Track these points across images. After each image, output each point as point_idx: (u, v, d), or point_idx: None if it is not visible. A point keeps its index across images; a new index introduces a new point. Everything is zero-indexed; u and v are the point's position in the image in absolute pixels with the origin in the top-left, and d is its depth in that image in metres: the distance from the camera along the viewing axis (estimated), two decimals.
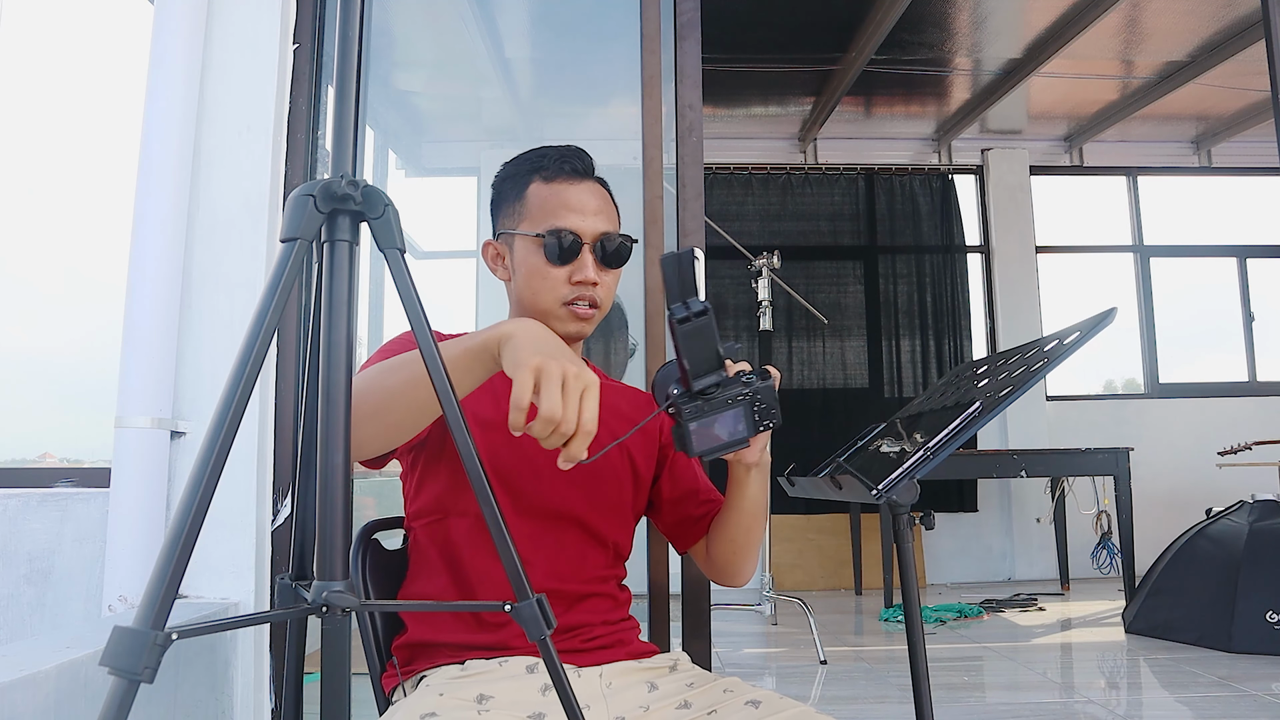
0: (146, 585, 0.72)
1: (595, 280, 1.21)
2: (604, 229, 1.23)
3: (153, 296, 1.77)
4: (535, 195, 1.23)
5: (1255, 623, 3.23)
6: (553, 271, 1.20)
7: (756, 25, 4.51)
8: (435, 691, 1.07)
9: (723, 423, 0.92)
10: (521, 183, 1.25)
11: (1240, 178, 6.32)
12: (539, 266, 1.21)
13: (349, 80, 0.83)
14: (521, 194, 1.25)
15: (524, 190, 1.25)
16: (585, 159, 1.26)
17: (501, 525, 0.84)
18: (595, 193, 1.25)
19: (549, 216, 1.21)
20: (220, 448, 0.75)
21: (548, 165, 1.24)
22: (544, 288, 1.21)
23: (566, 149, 1.26)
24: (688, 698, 1.14)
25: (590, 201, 1.23)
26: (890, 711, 2.62)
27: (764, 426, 0.93)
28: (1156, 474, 5.41)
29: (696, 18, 2.12)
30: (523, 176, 1.26)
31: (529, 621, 0.82)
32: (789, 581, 5.31)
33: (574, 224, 1.21)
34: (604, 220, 1.24)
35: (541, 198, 1.23)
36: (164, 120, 1.81)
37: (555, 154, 1.25)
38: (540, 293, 1.21)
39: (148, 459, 1.74)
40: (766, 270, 3.87)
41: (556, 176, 1.23)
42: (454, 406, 0.84)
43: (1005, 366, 1.25)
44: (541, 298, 1.21)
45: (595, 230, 1.22)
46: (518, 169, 1.27)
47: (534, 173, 1.25)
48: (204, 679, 1.68)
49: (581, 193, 1.23)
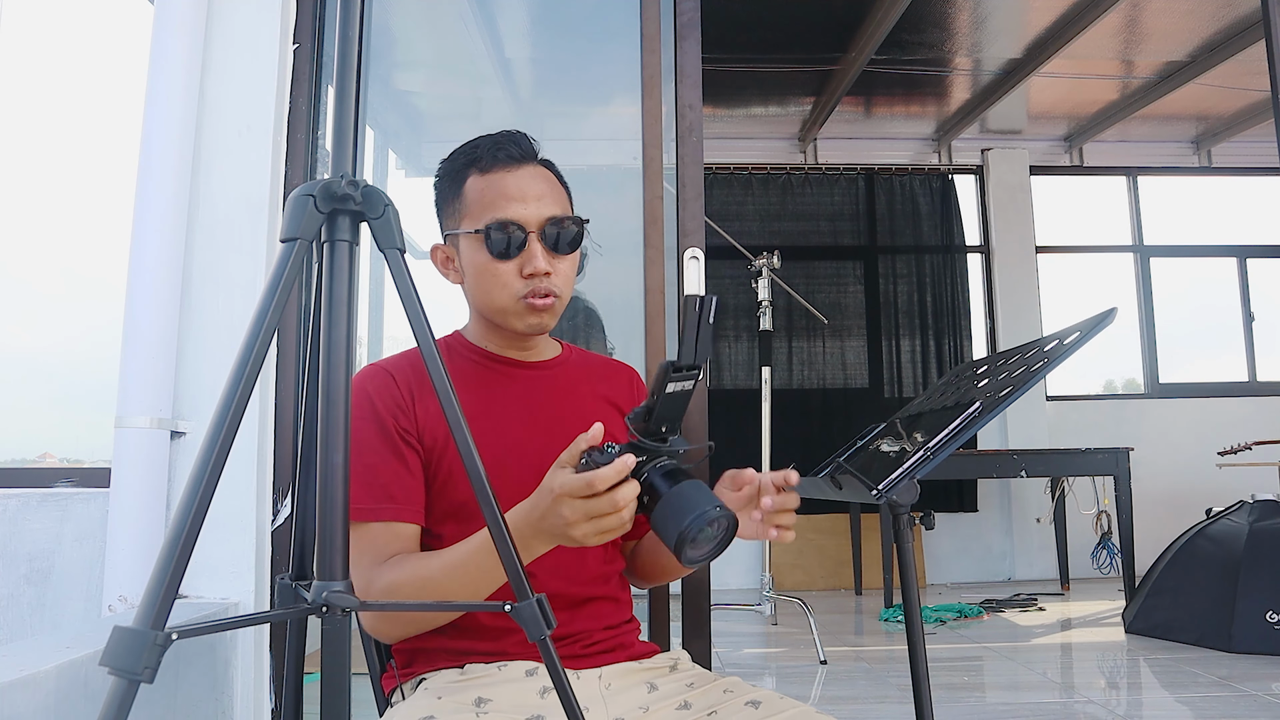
0: (146, 585, 0.72)
1: (547, 269, 1.14)
2: (549, 213, 1.15)
3: (153, 296, 1.77)
4: (473, 189, 1.16)
5: (1255, 623, 3.23)
6: (501, 268, 1.14)
7: (756, 25, 4.51)
8: (434, 695, 1.06)
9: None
10: (459, 178, 1.18)
11: (1240, 178, 6.32)
12: (486, 264, 1.14)
13: (349, 80, 0.83)
14: (459, 190, 1.18)
15: (461, 186, 1.18)
16: (523, 142, 1.18)
17: (502, 526, 0.84)
18: (537, 176, 1.17)
19: (488, 209, 1.14)
20: (220, 448, 0.75)
21: (482, 155, 1.17)
22: (495, 285, 1.15)
23: (501, 135, 1.19)
24: (688, 698, 1.13)
25: (531, 186, 1.16)
26: (890, 711, 2.62)
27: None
28: (1156, 474, 5.40)
29: (696, 18, 2.12)
30: (459, 172, 1.19)
31: (529, 622, 0.82)
32: (789, 581, 5.31)
33: (515, 213, 1.13)
34: (549, 204, 1.16)
35: (479, 191, 1.16)
36: (164, 120, 1.81)
37: (489, 143, 1.18)
38: (492, 291, 1.15)
39: (148, 459, 1.74)
40: (766, 270, 3.87)
41: (492, 166, 1.16)
42: (454, 409, 0.84)
43: (1005, 366, 1.25)
44: (495, 296, 1.15)
45: (540, 216, 1.15)
46: (453, 164, 1.20)
47: (469, 166, 1.18)
48: (204, 679, 1.68)
49: (521, 179, 1.16)
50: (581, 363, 1.30)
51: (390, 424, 1.11)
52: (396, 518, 1.08)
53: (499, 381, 1.21)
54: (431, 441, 1.13)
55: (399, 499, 1.09)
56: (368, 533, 1.06)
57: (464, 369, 1.20)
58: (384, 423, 1.11)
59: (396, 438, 1.11)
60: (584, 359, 1.31)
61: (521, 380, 1.22)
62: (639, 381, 1.34)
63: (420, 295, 0.84)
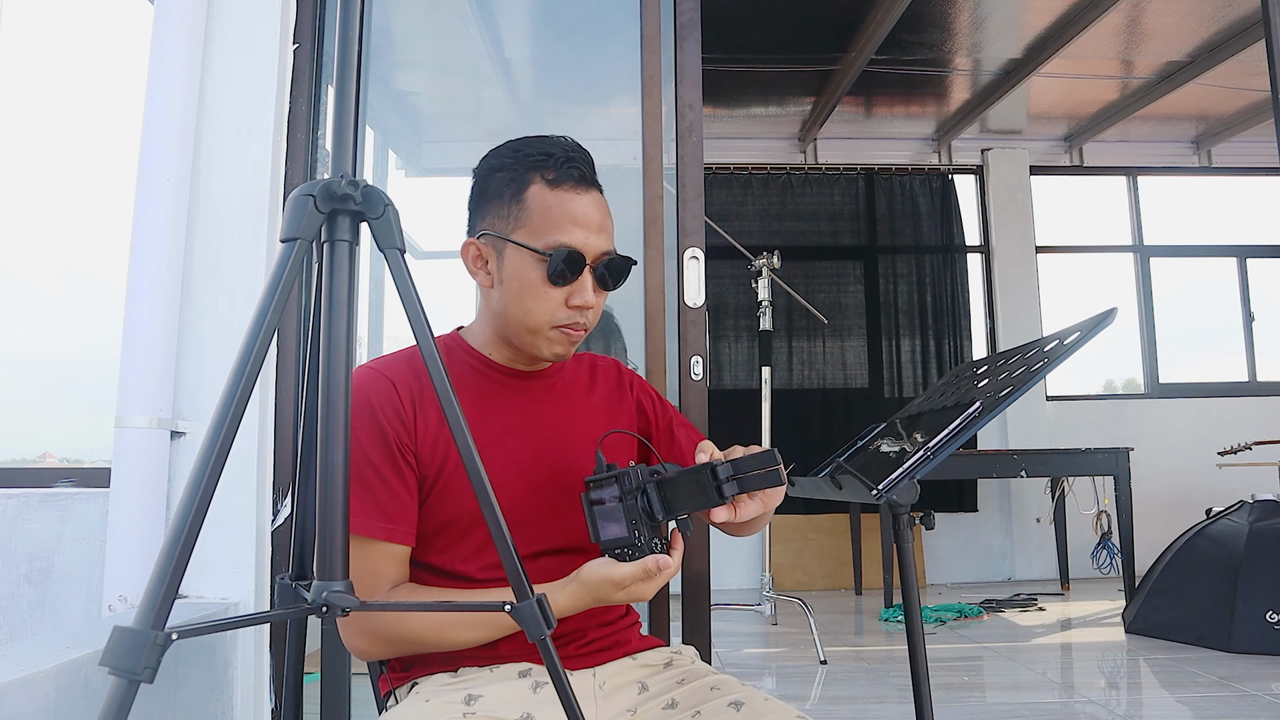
0: (146, 585, 0.72)
1: (592, 304, 1.12)
2: (606, 248, 1.13)
3: (153, 296, 1.77)
4: (537, 200, 1.10)
5: (1255, 623, 3.23)
6: (550, 292, 1.10)
7: (756, 25, 4.51)
8: (422, 699, 1.07)
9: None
10: (520, 181, 1.11)
11: (1240, 178, 6.31)
12: (535, 285, 1.09)
13: (349, 80, 0.83)
14: (519, 195, 1.11)
15: (523, 191, 1.11)
16: (590, 163, 1.14)
17: (502, 526, 0.84)
18: (600, 206, 1.13)
19: (553, 229, 1.09)
20: (220, 448, 0.75)
21: (553, 166, 1.11)
22: (538, 308, 1.10)
23: (572, 149, 1.13)
24: (675, 696, 1.12)
25: (595, 216, 1.11)
26: (890, 711, 2.61)
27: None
28: (1156, 474, 5.40)
29: (696, 18, 2.13)
30: (522, 173, 1.11)
31: (529, 621, 0.82)
32: (789, 581, 5.30)
33: (579, 241, 1.09)
34: (606, 238, 1.13)
35: (545, 205, 1.10)
36: (164, 120, 1.81)
37: (561, 154, 1.11)
38: (533, 312, 1.11)
39: (148, 459, 1.74)
40: (766, 270, 3.87)
41: (563, 182, 1.10)
42: (454, 410, 0.85)
43: (1005, 367, 1.25)
44: (533, 317, 1.11)
45: (599, 250, 1.11)
46: (515, 161, 1.12)
47: (535, 171, 1.11)
48: (204, 679, 1.68)
49: (588, 205, 1.11)
50: (574, 365, 1.27)
51: (391, 437, 1.08)
52: (390, 538, 1.06)
53: (499, 393, 1.18)
54: (430, 458, 1.10)
55: (394, 518, 1.07)
56: (362, 549, 1.04)
57: (463, 374, 1.18)
58: (386, 435, 1.08)
59: (396, 453, 1.08)
60: (575, 362, 1.28)
61: (521, 392, 1.19)
62: (624, 369, 1.32)
63: (420, 295, 0.84)
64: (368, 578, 1.04)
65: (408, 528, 1.08)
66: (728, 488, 0.97)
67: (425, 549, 1.11)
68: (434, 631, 1.05)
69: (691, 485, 0.98)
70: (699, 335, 2.01)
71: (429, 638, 1.06)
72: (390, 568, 1.07)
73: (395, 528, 1.07)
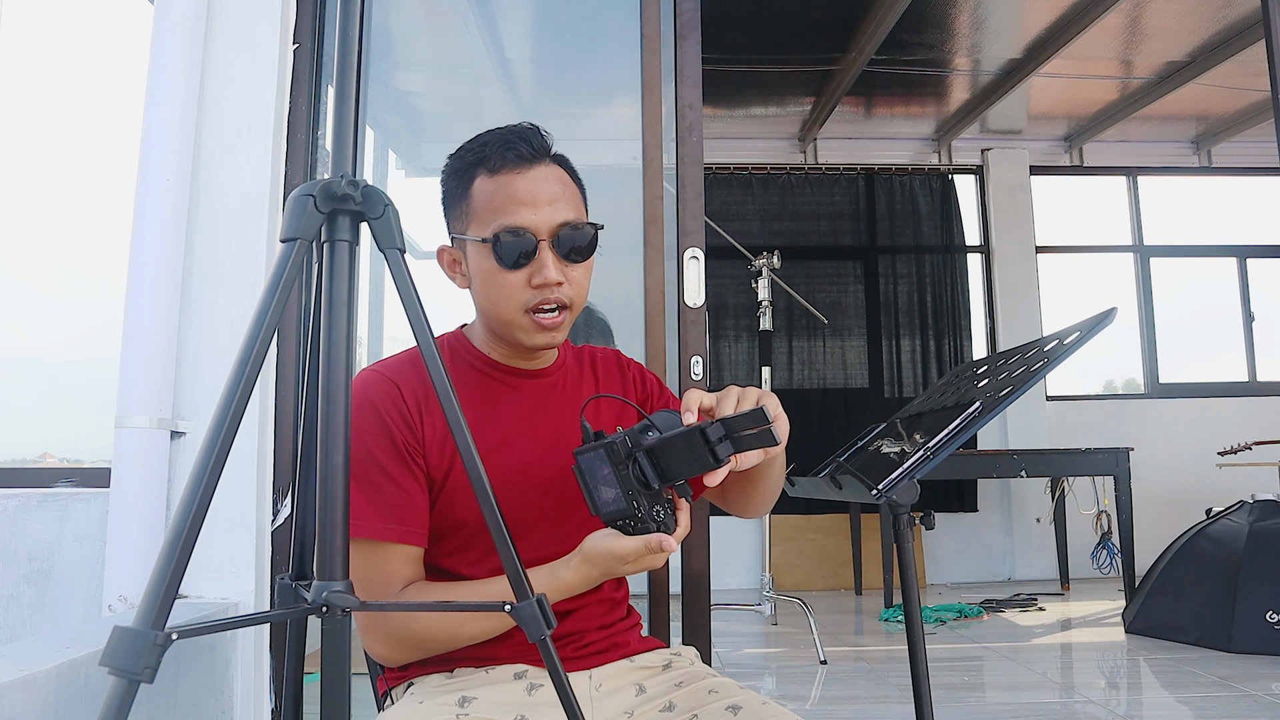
0: (146, 585, 0.72)
1: (559, 279, 1.08)
2: (562, 219, 1.09)
3: (153, 296, 1.77)
4: (480, 192, 1.10)
5: (1255, 623, 3.23)
6: (509, 277, 1.07)
7: (756, 25, 4.51)
8: (417, 700, 1.06)
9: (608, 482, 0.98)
10: (466, 178, 1.11)
11: (1240, 178, 6.32)
12: (492, 273, 1.08)
13: (349, 80, 0.83)
14: (466, 191, 1.11)
15: (469, 187, 1.11)
16: (534, 139, 1.11)
17: (502, 526, 0.84)
18: (549, 177, 1.10)
19: (496, 215, 1.07)
20: (220, 448, 0.75)
21: (490, 154, 1.09)
22: (502, 296, 1.08)
23: (511, 131, 1.11)
24: (673, 698, 1.11)
25: (543, 189, 1.08)
26: (890, 711, 2.62)
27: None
28: (1156, 474, 5.40)
29: (696, 18, 2.13)
30: (466, 171, 1.12)
31: (528, 622, 0.82)
32: (789, 581, 5.30)
33: (525, 219, 1.07)
34: (563, 208, 1.09)
35: (487, 194, 1.09)
36: (164, 120, 1.81)
37: (498, 140, 1.10)
38: (499, 302, 1.09)
39: (148, 459, 1.74)
40: (766, 270, 3.87)
41: (501, 167, 1.08)
42: (455, 410, 0.84)
43: (1005, 367, 1.25)
44: (501, 307, 1.09)
45: (552, 223, 1.08)
46: (460, 162, 1.13)
47: (477, 165, 1.11)
48: (204, 679, 1.68)
49: (532, 181, 1.08)
50: (575, 361, 1.27)
51: (399, 439, 1.07)
52: (403, 539, 1.05)
53: (503, 393, 1.17)
54: (437, 460, 1.09)
55: (407, 519, 1.06)
56: (377, 552, 1.04)
57: (466, 375, 1.17)
58: (393, 438, 1.07)
59: (405, 455, 1.07)
60: (576, 357, 1.28)
61: (525, 391, 1.18)
62: (624, 357, 1.31)
63: (420, 295, 0.84)
64: (381, 580, 1.04)
65: (420, 528, 1.07)
66: (721, 449, 0.93)
67: (433, 552, 1.11)
68: (446, 627, 1.04)
69: (684, 450, 0.94)
70: (699, 335, 2.01)
71: (442, 634, 1.05)
72: (404, 569, 1.06)
73: (408, 529, 1.06)
